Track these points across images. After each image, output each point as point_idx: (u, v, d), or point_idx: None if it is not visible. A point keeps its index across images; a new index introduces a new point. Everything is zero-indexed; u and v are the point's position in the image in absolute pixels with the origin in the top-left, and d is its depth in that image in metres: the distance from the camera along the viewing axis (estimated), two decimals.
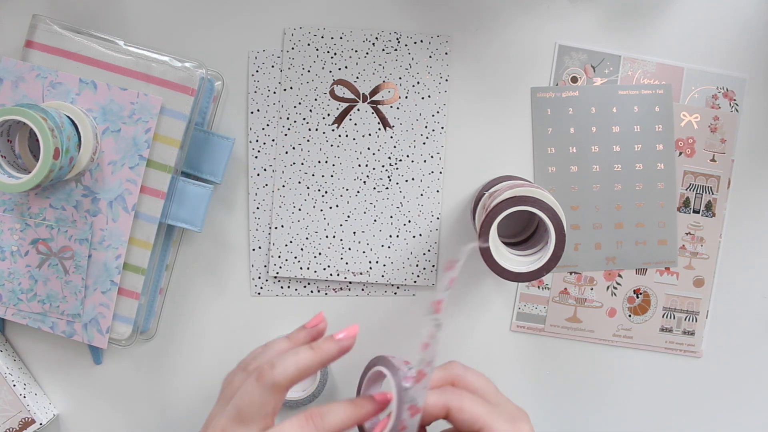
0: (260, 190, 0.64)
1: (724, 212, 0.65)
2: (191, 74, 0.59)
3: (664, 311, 0.65)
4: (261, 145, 0.64)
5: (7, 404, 0.62)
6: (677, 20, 0.64)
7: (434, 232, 0.64)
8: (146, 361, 0.65)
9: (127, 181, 0.59)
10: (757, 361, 0.66)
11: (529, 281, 0.52)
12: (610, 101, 0.64)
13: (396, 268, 0.64)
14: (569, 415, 0.66)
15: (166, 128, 0.59)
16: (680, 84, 0.64)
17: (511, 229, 0.63)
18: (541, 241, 0.55)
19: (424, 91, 0.64)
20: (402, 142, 0.64)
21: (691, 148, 0.64)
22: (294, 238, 0.64)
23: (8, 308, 0.61)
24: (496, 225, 0.53)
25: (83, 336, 0.61)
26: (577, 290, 0.65)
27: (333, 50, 0.63)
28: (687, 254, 0.65)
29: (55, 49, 0.59)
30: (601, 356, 0.66)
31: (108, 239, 0.60)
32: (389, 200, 0.64)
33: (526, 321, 0.65)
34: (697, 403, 0.66)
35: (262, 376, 0.48)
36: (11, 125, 0.57)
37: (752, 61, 0.64)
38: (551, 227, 0.53)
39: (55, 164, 0.54)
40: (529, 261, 0.54)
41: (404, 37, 0.63)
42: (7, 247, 0.60)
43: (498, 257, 0.53)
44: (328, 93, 0.64)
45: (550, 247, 0.53)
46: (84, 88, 0.59)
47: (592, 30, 0.64)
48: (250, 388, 0.48)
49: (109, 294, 0.60)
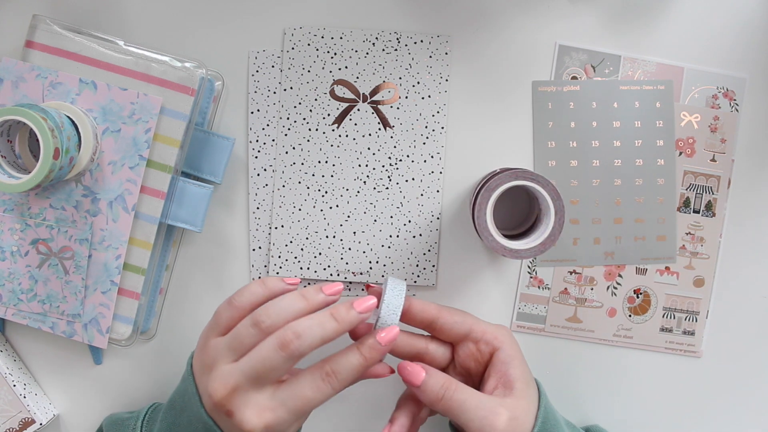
0: (260, 190, 0.64)
1: (724, 212, 0.65)
2: (191, 74, 0.59)
3: (664, 311, 0.65)
4: (261, 145, 0.64)
5: (7, 404, 0.62)
6: (677, 20, 0.64)
7: (434, 232, 0.64)
8: (146, 361, 0.65)
9: (127, 181, 0.59)
10: (757, 361, 0.66)
11: (529, 258, 0.53)
12: (611, 96, 0.64)
13: (396, 268, 0.64)
14: (569, 415, 0.66)
15: (166, 128, 0.59)
16: (680, 84, 0.64)
17: (509, 222, 0.63)
18: (540, 227, 0.55)
19: (424, 91, 0.64)
20: (402, 142, 0.64)
21: (691, 147, 0.64)
22: (294, 238, 0.64)
23: (8, 308, 0.61)
24: (494, 200, 0.54)
25: (83, 336, 0.61)
26: (577, 290, 0.65)
27: (333, 50, 0.63)
28: (687, 254, 0.65)
29: (55, 49, 0.59)
30: (601, 356, 0.66)
31: (108, 239, 0.60)
32: (389, 200, 0.64)
33: (526, 321, 0.65)
34: (697, 403, 0.66)
35: (286, 345, 0.48)
36: (11, 125, 0.57)
37: (752, 61, 0.64)
38: (549, 200, 0.53)
39: (55, 164, 0.54)
40: (529, 242, 0.55)
41: (404, 37, 0.64)
42: (7, 247, 0.60)
43: (497, 237, 0.55)
44: (328, 93, 0.64)
45: (549, 224, 0.54)
46: (84, 88, 0.59)
47: (592, 30, 0.64)
48: (272, 355, 0.48)
49: (109, 294, 0.60)
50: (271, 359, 0.48)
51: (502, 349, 0.56)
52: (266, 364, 0.48)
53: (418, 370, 0.53)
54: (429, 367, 0.54)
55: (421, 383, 0.53)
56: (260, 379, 0.49)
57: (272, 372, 0.49)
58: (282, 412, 0.49)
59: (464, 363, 0.58)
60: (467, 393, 0.53)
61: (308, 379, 0.50)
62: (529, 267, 0.65)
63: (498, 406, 0.52)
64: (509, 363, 0.55)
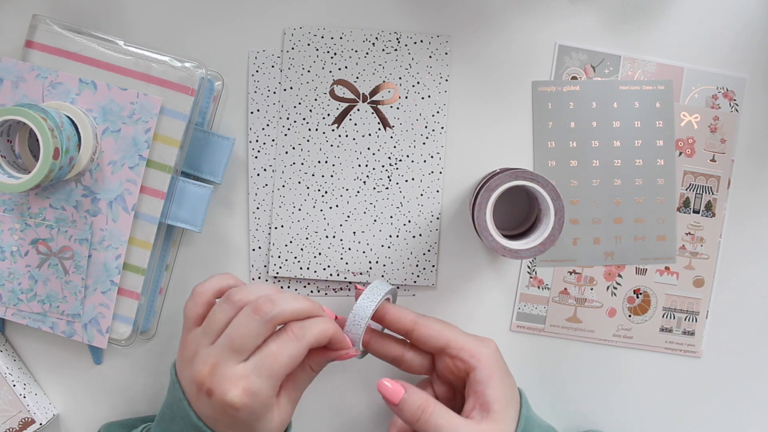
0: (260, 190, 0.64)
1: (724, 212, 0.65)
2: (191, 74, 0.59)
3: (664, 311, 0.65)
4: (261, 145, 0.64)
5: (7, 404, 0.62)
6: (677, 20, 0.64)
7: (434, 232, 0.64)
8: (146, 361, 0.65)
9: (127, 181, 0.59)
10: (757, 361, 0.66)
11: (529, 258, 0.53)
12: (611, 96, 0.64)
13: (396, 268, 0.64)
14: (569, 415, 0.66)
15: (166, 128, 0.59)
16: (680, 84, 0.64)
17: (509, 222, 0.63)
18: (540, 227, 0.55)
19: (424, 91, 0.64)
20: (402, 142, 0.64)
21: (691, 148, 0.64)
22: (294, 238, 0.64)
23: (8, 308, 0.61)
24: (494, 200, 0.54)
25: (83, 336, 0.61)
26: (577, 290, 0.65)
27: (333, 50, 0.63)
28: (687, 254, 0.65)
29: (55, 49, 0.59)
30: (601, 356, 0.66)
31: (108, 239, 0.60)
32: (389, 200, 0.64)
33: (526, 321, 0.65)
34: (697, 403, 0.66)
35: (259, 309, 0.49)
36: (11, 125, 0.57)
37: (752, 61, 0.64)
38: (549, 200, 0.53)
39: (55, 164, 0.54)
40: (528, 242, 0.55)
41: (404, 37, 0.64)
42: (7, 247, 0.60)
43: (496, 237, 0.55)
44: (328, 93, 0.64)
45: (549, 224, 0.54)
46: (84, 88, 0.59)
47: (592, 30, 0.64)
48: (245, 321, 0.49)
49: (109, 294, 0.60)
50: (245, 324, 0.49)
51: (478, 369, 0.54)
52: (241, 330, 0.49)
53: (398, 389, 0.53)
54: (409, 386, 0.54)
55: (399, 402, 0.53)
56: (237, 349, 0.49)
57: (248, 339, 0.49)
58: (255, 376, 0.49)
59: (443, 375, 0.57)
60: (444, 417, 0.52)
61: (275, 340, 0.50)
62: (529, 267, 0.65)
63: (477, 429, 0.52)
64: (486, 383, 0.54)
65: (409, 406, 0.52)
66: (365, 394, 0.66)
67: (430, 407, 0.52)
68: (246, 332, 0.49)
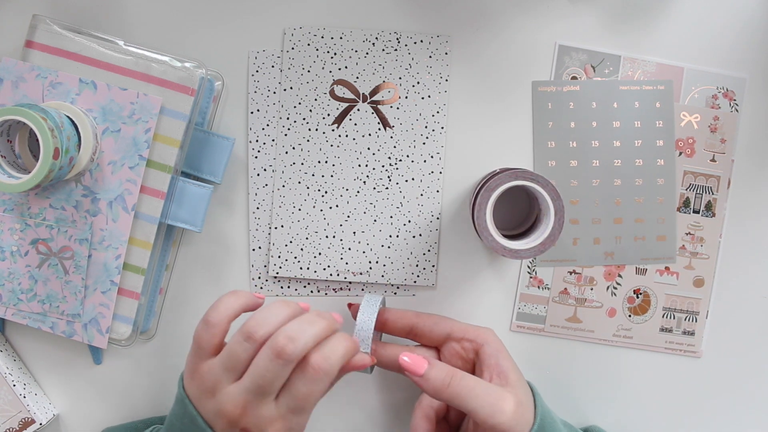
0: (260, 190, 0.64)
1: (724, 212, 0.65)
2: (191, 74, 0.59)
3: (664, 311, 0.65)
4: (261, 145, 0.64)
5: (7, 404, 0.62)
6: (677, 20, 0.64)
7: (434, 232, 0.64)
8: (146, 361, 0.65)
9: (127, 181, 0.59)
10: (757, 361, 0.66)
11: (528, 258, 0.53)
12: (611, 96, 0.64)
13: (396, 268, 0.64)
14: (569, 416, 0.66)
15: (166, 128, 0.59)
16: (680, 84, 0.64)
17: (509, 222, 0.63)
18: (540, 227, 0.55)
19: (424, 91, 0.64)
20: (402, 142, 0.64)
21: (691, 148, 0.64)
22: (294, 238, 0.64)
23: (8, 308, 0.61)
24: (494, 200, 0.54)
25: (83, 336, 0.61)
26: (577, 290, 0.65)
27: (333, 50, 0.63)
28: (687, 254, 0.65)
29: (55, 49, 0.59)
30: (601, 356, 0.66)
31: (108, 239, 0.60)
32: (389, 200, 0.64)
33: (526, 321, 0.65)
34: (697, 403, 0.66)
35: (281, 352, 0.49)
36: (11, 125, 0.57)
37: (752, 61, 0.64)
38: (549, 200, 0.53)
39: (55, 164, 0.54)
40: (528, 242, 0.55)
41: (404, 37, 0.63)
42: (7, 247, 0.60)
43: (496, 237, 0.55)
44: (328, 93, 0.64)
45: (549, 224, 0.54)
46: (84, 88, 0.59)
47: (592, 30, 0.64)
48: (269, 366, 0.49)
49: (109, 294, 0.60)
50: (270, 370, 0.49)
51: (487, 343, 0.57)
52: (267, 376, 0.49)
53: (421, 361, 0.53)
54: (431, 358, 0.55)
55: (425, 372, 0.53)
56: (265, 391, 0.49)
57: (275, 382, 0.49)
58: (291, 415, 0.50)
59: (451, 363, 0.58)
60: (473, 380, 0.53)
61: (302, 379, 0.50)
62: (529, 267, 0.65)
63: (504, 392, 0.53)
64: (498, 356, 0.56)
65: (436, 373, 0.53)
66: (366, 396, 0.66)
67: (458, 373, 0.53)
68: (272, 377, 0.49)
